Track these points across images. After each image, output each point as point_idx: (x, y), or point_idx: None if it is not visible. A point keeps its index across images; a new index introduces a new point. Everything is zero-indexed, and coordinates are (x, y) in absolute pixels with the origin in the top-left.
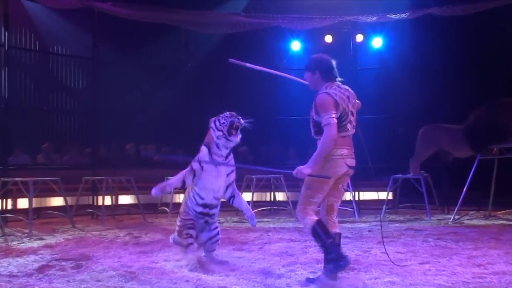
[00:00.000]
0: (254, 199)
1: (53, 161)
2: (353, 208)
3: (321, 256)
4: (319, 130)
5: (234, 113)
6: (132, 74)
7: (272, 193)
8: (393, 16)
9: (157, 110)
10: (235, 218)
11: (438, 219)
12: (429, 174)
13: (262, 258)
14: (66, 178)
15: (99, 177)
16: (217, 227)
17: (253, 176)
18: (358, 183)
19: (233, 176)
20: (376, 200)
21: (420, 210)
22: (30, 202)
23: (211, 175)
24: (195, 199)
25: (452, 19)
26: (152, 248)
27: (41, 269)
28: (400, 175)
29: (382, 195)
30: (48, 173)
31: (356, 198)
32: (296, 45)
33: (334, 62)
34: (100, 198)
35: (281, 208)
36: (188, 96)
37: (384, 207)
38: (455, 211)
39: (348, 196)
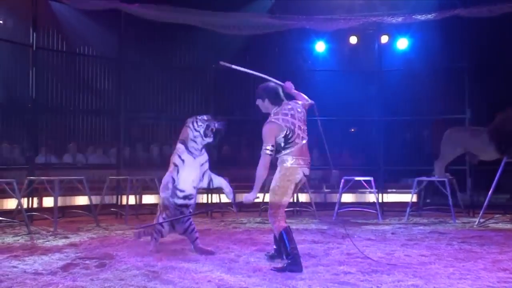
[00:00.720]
0: None
1: (78, 161)
2: (376, 210)
3: (343, 258)
4: (276, 151)
5: (210, 116)
6: (157, 75)
7: (295, 194)
8: (419, 17)
9: (183, 111)
10: (258, 219)
11: (463, 222)
12: (454, 177)
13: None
14: (91, 178)
15: (123, 177)
16: (189, 219)
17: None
18: (382, 185)
19: (207, 165)
20: (400, 203)
21: (445, 213)
22: (56, 201)
23: (191, 167)
24: (176, 194)
25: (479, 20)
26: (174, 248)
27: (65, 267)
28: (424, 178)
29: (406, 198)
30: (73, 172)
31: (380, 200)
32: (320, 46)
33: (280, 89)
34: (124, 197)
35: (303, 209)
36: (213, 98)
37: (408, 209)
38: (480, 214)
39: (371, 198)
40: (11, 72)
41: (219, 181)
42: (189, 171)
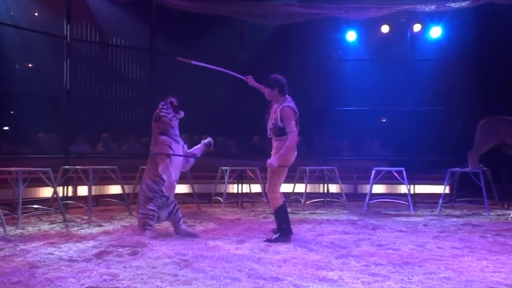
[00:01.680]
0: (308, 191)
1: (112, 150)
2: (408, 202)
3: (374, 249)
4: (282, 133)
5: (163, 102)
6: (188, 65)
7: (325, 185)
8: (452, 4)
9: (213, 101)
10: (288, 210)
11: (497, 215)
12: (488, 168)
13: (314, 250)
14: (124, 167)
15: None
16: (173, 201)
17: (307, 168)
18: (414, 176)
19: (186, 147)
20: (432, 194)
21: (478, 205)
22: (90, 190)
23: (179, 153)
24: (163, 180)
25: None
26: (205, 237)
27: (99, 255)
28: (458, 169)
29: (439, 189)
30: (106, 161)
31: (412, 192)
32: (351, 36)
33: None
34: None
35: (334, 200)
36: (243, 87)
37: (440, 201)
38: None
39: (403, 189)
40: (46, 64)
41: (199, 150)
42: (178, 158)
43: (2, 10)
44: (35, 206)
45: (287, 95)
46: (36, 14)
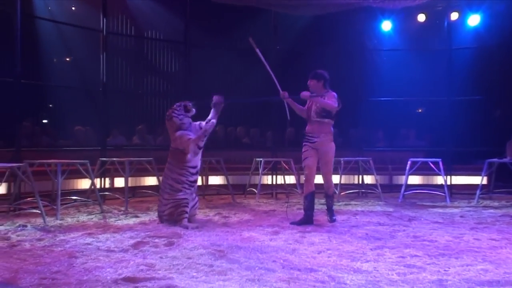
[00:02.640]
0: (342, 182)
1: (147, 142)
2: (444, 193)
3: (410, 240)
4: (326, 116)
5: (178, 103)
6: (222, 57)
7: (360, 176)
8: None
9: (246, 92)
10: (322, 201)
11: None
12: None
13: (349, 241)
14: (159, 159)
15: None
16: (196, 196)
17: (341, 159)
18: (451, 167)
19: (202, 123)
20: (469, 185)
21: None
22: (126, 181)
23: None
24: (189, 171)
25: None
26: (240, 228)
27: (136, 245)
28: (496, 159)
29: (476, 180)
30: (142, 153)
31: (448, 183)
32: (387, 25)
33: None
34: None
35: (369, 191)
36: (277, 78)
37: (478, 192)
38: None
39: (439, 180)
40: (83, 57)
41: (209, 125)
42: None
43: (40, 5)
44: (74, 197)
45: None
46: (73, 8)
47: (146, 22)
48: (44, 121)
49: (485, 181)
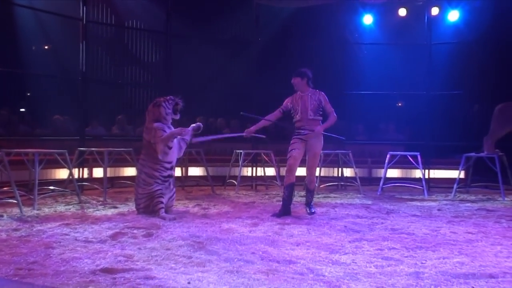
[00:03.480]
0: (322, 174)
1: (127, 133)
2: (422, 186)
3: (388, 233)
4: (319, 112)
5: (174, 97)
6: (204, 48)
7: (339, 169)
8: None
9: (228, 84)
10: (302, 193)
11: None
12: (504, 153)
13: (328, 234)
14: (139, 149)
15: None
16: (173, 188)
17: (321, 152)
18: (429, 161)
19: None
20: (447, 179)
21: (494, 190)
22: (105, 172)
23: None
24: (164, 166)
25: None
26: (219, 219)
27: (114, 236)
28: (473, 154)
29: (454, 174)
30: (121, 144)
31: (426, 176)
32: (368, 19)
33: None
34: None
35: (348, 184)
36: (258, 70)
37: (455, 186)
38: None
39: (418, 174)
40: (62, 46)
41: (185, 140)
42: (173, 143)
43: None
44: (51, 187)
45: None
46: None
47: (127, 11)
48: (22, 109)
49: (462, 175)
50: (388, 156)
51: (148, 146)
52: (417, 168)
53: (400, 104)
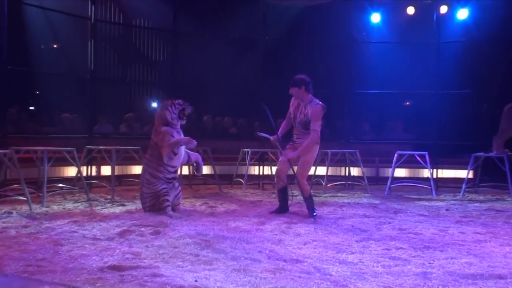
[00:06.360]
0: (329, 173)
1: (135, 131)
2: (430, 186)
3: (395, 233)
4: (306, 127)
5: (183, 101)
6: (211, 46)
7: (347, 168)
8: None
9: (235, 82)
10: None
11: None
12: None
13: (335, 233)
14: (146, 147)
15: None
16: (179, 185)
17: (328, 151)
18: (437, 161)
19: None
20: (455, 178)
21: (502, 190)
22: (113, 169)
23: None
24: (167, 169)
25: None
26: (226, 218)
27: (122, 234)
28: (482, 153)
29: (462, 174)
30: (129, 142)
31: (434, 176)
32: (376, 17)
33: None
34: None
35: (355, 183)
36: (266, 69)
37: (463, 185)
38: None
39: (426, 173)
40: (71, 45)
41: (195, 156)
42: (180, 149)
43: None
44: (60, 185)
45: (313, 97)
46: None
47: (134, 10)
48: (31, 108)
49: (471, 175)
50: (395, 155)
51: (155, 147)
52: (425, 168)
53: (408, 103)
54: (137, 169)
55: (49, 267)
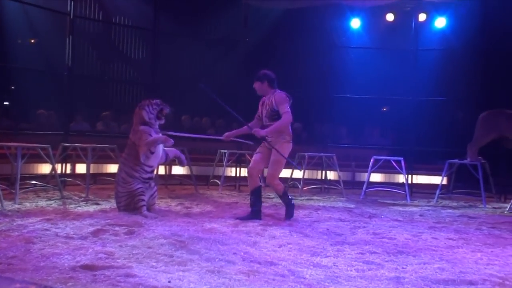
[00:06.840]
0: (305, 177)
1: (111, 129)
2: (405, 191)
3: (369, 237)
4: (278, 117)
5: (161, 101)
6: (191, 46)
7: (323, 172)
8: None
9: (214, 83)
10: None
11: (494, 208)
12: (486, 161)
13: (310, 236)
14: (123, 146)
15: None
16: (155, 185)
17: (305, 154)
18: (412, 166)
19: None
20: (429, 184)
21: (475, 197)
22: (88, 168)
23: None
24: (144, 169)
25: None
26: (202, 219)
27: (95, 233)
28: (456, 160)
29: (436, 180)
30: (106, 140)
31: (409, 181)
32: (356, 23)
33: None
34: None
35: (331, 187)
36: (246, 71)
37: (437, 191)
38: None
39: (401, 178)
40: (49, 40)
41: (173, 152)
42: (157, 148)
43: None
44: (33, 182)
45: (276, 89)
46: None
47: (114, 8)
48: (6, 103)
49: (445, 181)
50: (372, 160)
51: (132, 146)
52: (401, 173)
53: (385, 109)
54: (112, 168)
55: (20, 266)
